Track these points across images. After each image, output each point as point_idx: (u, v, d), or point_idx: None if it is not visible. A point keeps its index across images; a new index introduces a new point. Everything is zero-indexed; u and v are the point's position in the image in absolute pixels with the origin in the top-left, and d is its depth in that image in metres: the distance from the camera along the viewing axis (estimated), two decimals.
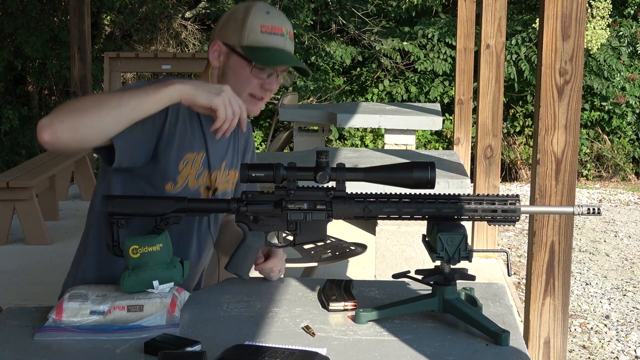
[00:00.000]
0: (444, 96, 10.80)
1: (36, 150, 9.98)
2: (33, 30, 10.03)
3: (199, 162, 2.00)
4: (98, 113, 1.72)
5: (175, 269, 1.84)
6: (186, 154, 1.96)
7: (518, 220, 1.80)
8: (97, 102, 1.75)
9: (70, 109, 1.72)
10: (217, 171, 2.06)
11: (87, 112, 1.72)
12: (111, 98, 1.74)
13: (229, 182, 2.12)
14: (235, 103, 1.83)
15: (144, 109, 1.75)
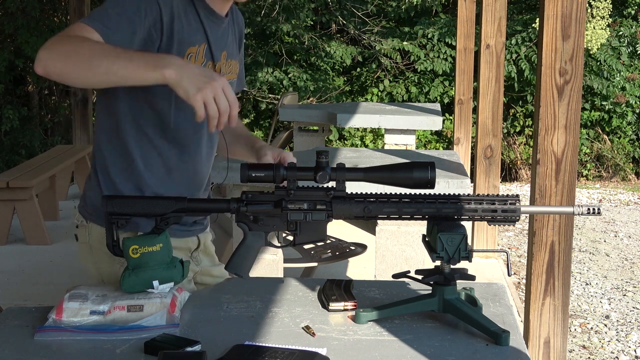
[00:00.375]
0: (444, 96, 10.80)
1: (36, 150, 9.99)
2: (33, 30, 10.03)
3: (202, 55, 1.96)
4: (88, 68, 1.72)
5: (175, 269, 1.84)
6: (188, 48, 1.92)
7: (518, 220, 1.80)
8: (89, 56, 1.72)
9: (65, 52, 1.74)
10: (219, 62, 2.04)
11: (78, 64, 1.73)
12: (104, 58, 1.72)
13: (231, 72, 2.11)
14: (221, 100, 1.70)
15: (132, 81, 1.75)
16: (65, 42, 1.75)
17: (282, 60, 11.13)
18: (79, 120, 7.64)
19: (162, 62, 1.71)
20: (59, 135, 10.79)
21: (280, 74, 10.98)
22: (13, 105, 10.17)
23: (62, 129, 11.05)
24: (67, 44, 1.75)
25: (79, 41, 1.75)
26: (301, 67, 11.40)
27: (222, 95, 1.71)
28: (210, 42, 1.99)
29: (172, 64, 1.71)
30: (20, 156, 10.01)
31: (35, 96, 11.18)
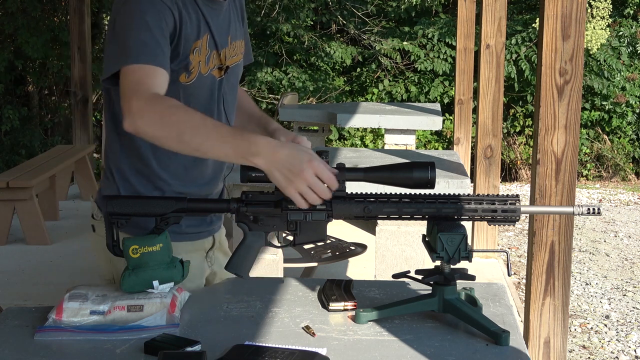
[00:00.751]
0: (444, 96, 10.80)
1: (36, 150, 9.99)
2: (33, 30, 10.04)
3: (205, 46, 1.97)
4: (179, 142, 1.75)
5: (175, 269, 1.84)
6: (193, 43, 1.93)
7: (518, 220, 1.80)
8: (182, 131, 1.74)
9: (159, 122, 1.75)
10: (225, 48, 2.04)
11: (171, 137, 1.75)
12: (196, 136, 1.73)
13: (237, 54, 2.11)
14: (317, 187, 1.70)
15: (217, 158, 1.80)
16: (157, 109, 1.76)
17: (282, 61, 11.14)
18: (79, 120, 7.64)
19: (251, 149, 1.70)
20: (59, 135, 10.80)
21: (280, 74, 10.98)
22: (13, 105, 10.18)
23: (62, 129, 11.05)
24: (160, 111, 1.76)
25: (171, 110, 1.76)
26: (301, 67, 11.40)
27: (317, 182, 1.71)
28: (213, 31, 1.99)
29: (261, 153, 1.70)
30: (20, 156, 10.01)
31: (35, 96, 11.18)
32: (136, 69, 1.80)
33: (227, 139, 1.73)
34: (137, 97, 1.77)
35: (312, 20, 11.39)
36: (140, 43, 1.82)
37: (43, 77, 10.74)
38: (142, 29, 1.83)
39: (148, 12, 1.84)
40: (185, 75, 1.94)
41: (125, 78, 1.81)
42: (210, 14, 1.98)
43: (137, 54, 1.81)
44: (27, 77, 11.14)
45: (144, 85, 1.79)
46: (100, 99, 10.54)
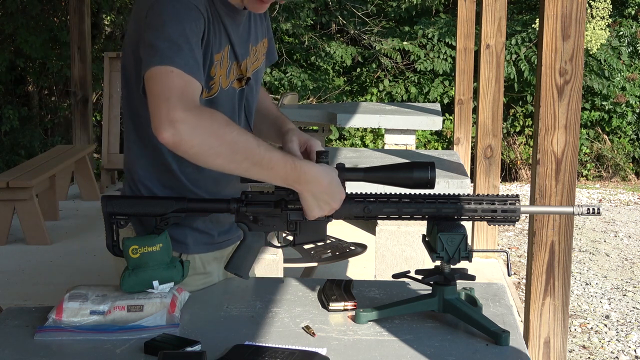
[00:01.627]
0: (444, 96, 10.80)
1: (36, 151, 9.99)
2: (33, 30, 10.04)
3: (226, 58, 1.89)
4: (227, 163, 1.68)
5: (175, 269, 1.84)
6: (215, 55, 1.84)
7: (518, 220, 1.80)
8: (231, 152, 1.67)
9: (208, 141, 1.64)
10: (246, 58, 1.96)
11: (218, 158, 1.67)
12: (245, 160, 1.68)
13: (258, 58, 2.04)
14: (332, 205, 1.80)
15: (263, 180, 1.76)
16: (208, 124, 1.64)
17: (282, 60, 11.14)
18: (79, 120, 7.64)
19: (301, 178, 1.73)
20: (59, 135, 10.80)
21: (279, 73, 10.98)
22: (13, 106, 10.18)
23: (62, 129, 11.05)
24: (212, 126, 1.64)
25: (225, 127, 1.66)
26: (301, 67, 11.40)
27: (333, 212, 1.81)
28: (233, 43, 1.91)
29: (309, 182, 1.74)
30: (20, 156, 10.01)
31: (35, 96, 11.18)
32: (180, 74, 1.66)
33: (279, 165, 1.71)
34: (183, 106, 1.62)
35: (312, 20, 11.39)
36: (184, 50, 1.69)
37: (43, 77, 10.74)
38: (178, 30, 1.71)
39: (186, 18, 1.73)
40: (205, 91, 1.85)
41: (165, 80, 1.65)
42: (231, 24, 1.89)
43: (183, 61, 1.68)
44: (27, 77, 11.14)
45: (189, 95, 1.65)
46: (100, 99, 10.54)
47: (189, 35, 1.72)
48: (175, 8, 1.73)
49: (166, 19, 1.72)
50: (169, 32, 1.70)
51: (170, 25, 1.71)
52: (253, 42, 2.01)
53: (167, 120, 1.61)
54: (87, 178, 7.13)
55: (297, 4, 10.93)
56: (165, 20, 1.72)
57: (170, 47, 1.68)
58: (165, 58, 1.67)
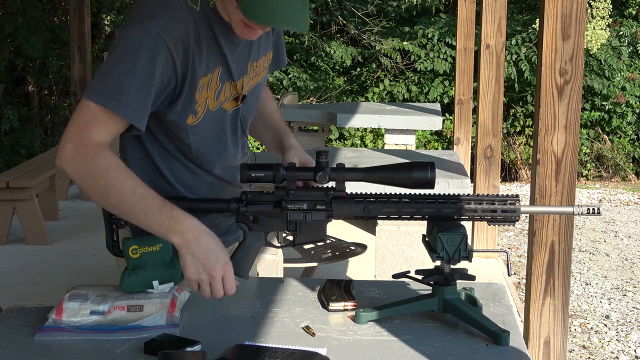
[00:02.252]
0: (444, 96, 10.80)
1: (36, 150, 9.99)
2: (33, 30, 10.04)
3: (216, 80, 1.85)
4: (104, 203, 1.76)
5: (175, 269, 1.84)
6: (199, 81, 1.81)
7: (518, 220, 1.80)
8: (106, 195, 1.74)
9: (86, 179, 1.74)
10: (244, 76, 1.93)
11: (96, 195, 1.75)
12: (120, 203, 1.74)
13: (258, 73, 2.00)
14: (216, 287, 1.75)
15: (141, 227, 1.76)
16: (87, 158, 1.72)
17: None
18: None
19: (175, 227, 1.72)
20: (59, 135, 10.79)
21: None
22: (13, 105, 10.18)
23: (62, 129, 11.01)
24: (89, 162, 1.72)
25: (104, 172, 1.72)
26: (301, 67, 11.40)
27: (219, 285, 1.76)
28: (229, 62, 1.87)
29: (183, 234, 1.72)
30: (20, 156, 10.01)
31: (35, 96, 11.18)
32: (93, 108, 1.71)
33: (153, 213, 1.72)
34: (75, 141, 1.72)
35: (312, 20, 11.39)
36: (114, 83, 1.71)
37: (43, 77, 10.74)
38: (126, 70, 1.71)
39: (142, 54, 1.71)
40: (192, 116, 1.85)
41: (79, 111, 1.74)
42: (228, 44, 1.86)
43: (104, 93, 1.71)
44: (27, 77, 11.14)
45: (90, 130, 1.72)
46: None
47: (139, 73, 1.71)
48: (137, 42, 1.72)
49: (121, 51, 1.73)
50: (115, 64, 1.73)
51: (121, 59, 1.73)
52: (253, 59, 1.97)
53: (61, 150, 1.73)
54: None
55: None
56: (119, 53, 1.73)
57: (105, 80, 1.72)
58: (91, 92, 1.72)
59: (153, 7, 1.76)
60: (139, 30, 1.73)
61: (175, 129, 1.86)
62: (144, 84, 1.72)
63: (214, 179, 1.99)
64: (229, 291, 1.77)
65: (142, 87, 1.72)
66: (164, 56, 1.73)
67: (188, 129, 1.87)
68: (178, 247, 1.74)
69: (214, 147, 1.95)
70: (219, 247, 1.76)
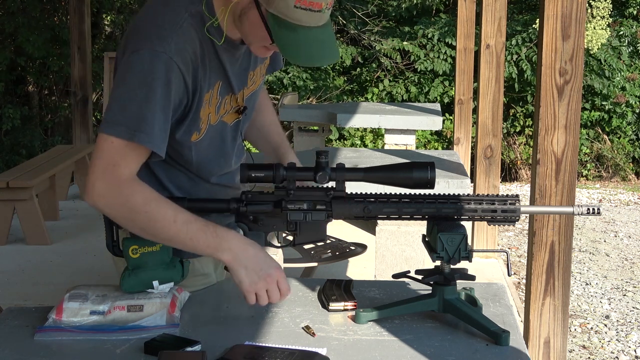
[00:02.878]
0: (444, 96, 10.80)
1: (36, 150, 9.99)
2: (34, 29, 10.04)
3: (216, 95, 1.85)
4: (148, 236, 1.77)
5: (175, 269, 1.84)
6: (204, 97, 1.82)
7: (518, 220, 1.80)
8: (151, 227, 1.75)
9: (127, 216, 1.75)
10: (244, 88, 1.94)
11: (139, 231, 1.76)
12: (164, 233, 1.75)
13: (254, 82, 2.00)
14: (273, 293, 1.79)
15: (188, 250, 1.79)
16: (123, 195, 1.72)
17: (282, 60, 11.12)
18: (79, 120, 7.64)
19: (222, 246, 1.76)
20: (59, 135, 10.80)
21: (280, 73, 10.98)
22: (13, 105, 10.18)
23: (62, 129, 11.05)
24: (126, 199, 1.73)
25: (138, 200, 1.73)
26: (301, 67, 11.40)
27: (275, 289, 1.79)
28: (229, 76, 1.87)
29: (232, 249, 1.76)
30: (21, 156, 10.01)
31: (35, 96, 11.18)
32: (117, 143, 1.70)
33: (198, 236, 1.75)
34: (106, 179, 1.71)
35: None
36: (136, 115, 1.70)
37: (43, 77, 10.74)
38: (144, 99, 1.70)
39: (158, 81, 1.70)
40: (196, 134, 1.86)
41: (103, 147, 1.71)
42: (229, 59, 1.86)
43: (128, 126, 1.69)
44: (27, 77, 11.14)
45: (119, 167, 1.71)
46: (100, 98, 10.55)
47: (157, 101, 1.70)
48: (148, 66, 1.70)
49: (135, 79, 1.70)
50: (131, 94, 1.70)
51: (137, 87, 1.70)
52: (252, 68, 1.97)
53: (91, 188, 1.72)
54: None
55: None
56: (134, 81, 1.70)
57: (124, 112, 1.70)
58: (112, 126, 1.70)
59: (160, 27, 1.73)
60: (152, 56, 1.70)
61: (179, 147, 1.86)
62: (163, 110, 1.72)
63: (212, 186, 1.99)
64: (285, 293, 1.81)
65: (162, 114, 1.72)
66: (177, 79, 1.73)
67: (192, 146, 1.87)
68: (229, 264, 1.77)
69: (215, 160, 1.96)
70: (265, 253, 1.80)
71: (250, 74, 1.97)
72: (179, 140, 1.84)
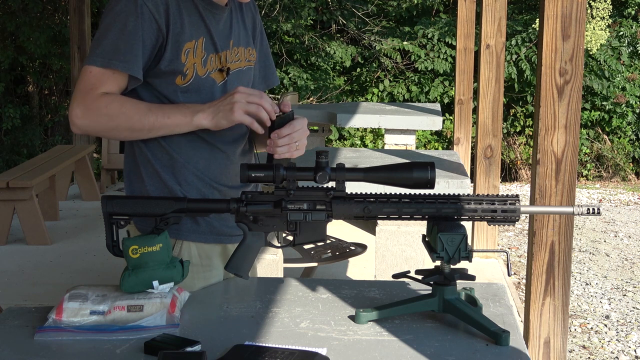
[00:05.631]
0: (444, 96, 10.80)
1: (36, 150, 9.99)
2: (35, 28, 10.04)
3: (201, 48, 1.99)
4: (130, 131, 1.94)
5: (175, 269, 1.84)
6: (184, 44, 1.96)
7: (518, 220, 1.80)
8: (129, 122, 1.91)
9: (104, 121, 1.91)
10: (227, 50, 2.07)
11: (120, 130, 1.93)
12: (144, 119, 1.92)
13: (240, 60, 2.12)
14: (253, 99, 1.90)
15: (170, 129, 1.94)
16: (100, 108, 1.90)
17: (282, 60, 11.14)
18: None
19: (196, 109, 1.92)
20: (59, 135, 10.80)
21: (280, 73, 10.99)
22: (13, 105, 10.18)
23: (62, 129, 11.06)
24: (103, 110, 1.89)
25: (114, 106, 1.90)
26: (301, 67, 11.40)
27: (249, 96, 1.91)
28: (213, 34, 2.01)
29: (204, 109, 1.92)
30: (21, 156, 10.01)
31: (35, 96, 11.19)
32: (95, 71, 1.90)
33: (173, 112, 1.92)
34: (85, 102, 1.89)
35: (312, 20, 11.39)
36: (111, 45, 1.90)
37: (43, 77, 10.75)
38: (118, 32, 1.89)
39: (129, 16, 1.89)
40: (181, 77, 1.96)
41: (82, 78, 1.91)
42: (209, 18, 2.01)
43: (103, 56, 1.89)
44: (28, 76, 11.14)
45: (96, 89, 1.90)
46: None
47: (130, 32, 1.89)
48: (120, 7, 1.91)
49: (110, 18, 1.92)
50: (107, 30, 1.91)
51: (111, 24, 1.91)
52: (235, 42, 2.10)
53: (72, 113, 1.91)
54: (87, 178, 7.13)
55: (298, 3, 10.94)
56: (109, 20, 1.92)
57: (100, 45, 1.91)
58: (90, 58, 1.91)
59: None
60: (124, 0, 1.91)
61: (165, 90, 1.97)
62: (136, 40, 1.90)
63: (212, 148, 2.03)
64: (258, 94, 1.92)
65: (135, 43, 1.90)
66: (148, 17, 1.91)
67: (178, 91, 1.98)
68: (206, 120, 1.91)
69: None
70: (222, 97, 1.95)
71: (235, 48, 2.10)
72: (164, 82, 1.97)
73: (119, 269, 1.88)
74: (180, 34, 1.95)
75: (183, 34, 1.95)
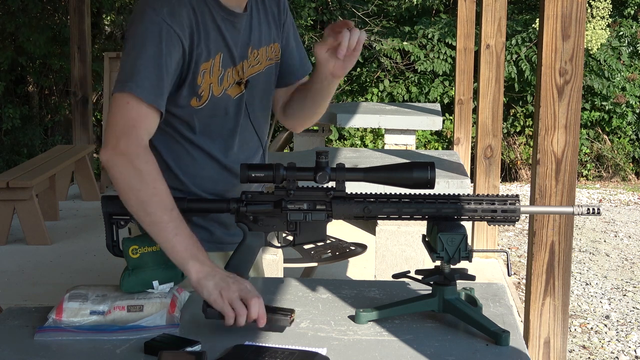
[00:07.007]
0: (444, 96, 10.80)
1: (36, 150, 9.99)
2: (35, 28, 10.04)
3: (218, 66, 1.92)
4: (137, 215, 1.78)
5: (175, 269, 1.84)
6: (201, 66, 1.88)
7: (518, 220, 1.80)
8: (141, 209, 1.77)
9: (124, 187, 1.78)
10: (245, 60, 1.99)
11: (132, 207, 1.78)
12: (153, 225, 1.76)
13: (260, 62, 2.03)
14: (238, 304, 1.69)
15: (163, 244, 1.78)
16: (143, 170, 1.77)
17: None
18: (79, 120, 7.64)
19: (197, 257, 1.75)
20: (59, 135, 10.80)
21: None
22: (13, 105, 10.18)
23: (62, 129, 11.06)
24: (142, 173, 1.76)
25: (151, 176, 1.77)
26: None
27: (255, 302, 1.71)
28: (231, 46, 1.94)
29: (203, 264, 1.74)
30: (21, 156, 10.01)
31: (35, 96, 11.19)
32: (137, 106, 1.79)
33: (183, 235, 1.76)
34: (127, 142, 1.77)
35: (312, 20, 11.39)
36: (145, 75, 1.79)
37: (43, 77, 10.75)
38: (149, 59, 1.80)
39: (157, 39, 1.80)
40: (196, 99, 1.91)
41: (122, 108, 1.79)
42: (229, 28, 1.93)
43: (142, 86, 1.79)
44: (28, 76, 11.14)
45: (138, 129, 1.79)
46: (100, 99, 10.54)
47: (157, 59, 1.80)
48: (148, 30, 1.81)
49: (137, 41, 1.82)
50: (137, 55, 1.81)
51: (140, 48, 1.81)
52: (255, 46, 2.01)
53: (110, 146, 1.78)
54: (87, 178, 7.13)
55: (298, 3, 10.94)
56: (136, 43, 1.82)
57: (134, 72, 1.80)
58: (126, 85, 1.79)
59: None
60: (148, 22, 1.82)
61: (180, 112, 1.92)
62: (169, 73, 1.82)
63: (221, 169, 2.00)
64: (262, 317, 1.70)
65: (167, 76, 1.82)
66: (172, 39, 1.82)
67: (193, 113, 1.92)
68: (197, 275, 1.73)
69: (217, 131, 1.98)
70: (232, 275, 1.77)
71: (254, 52, 2.01)
72: (180, 106, 1.90)
73: (119, 269, 1.88)
74: (200, 56, 1.88)
75: (201, 56, 1.88)
